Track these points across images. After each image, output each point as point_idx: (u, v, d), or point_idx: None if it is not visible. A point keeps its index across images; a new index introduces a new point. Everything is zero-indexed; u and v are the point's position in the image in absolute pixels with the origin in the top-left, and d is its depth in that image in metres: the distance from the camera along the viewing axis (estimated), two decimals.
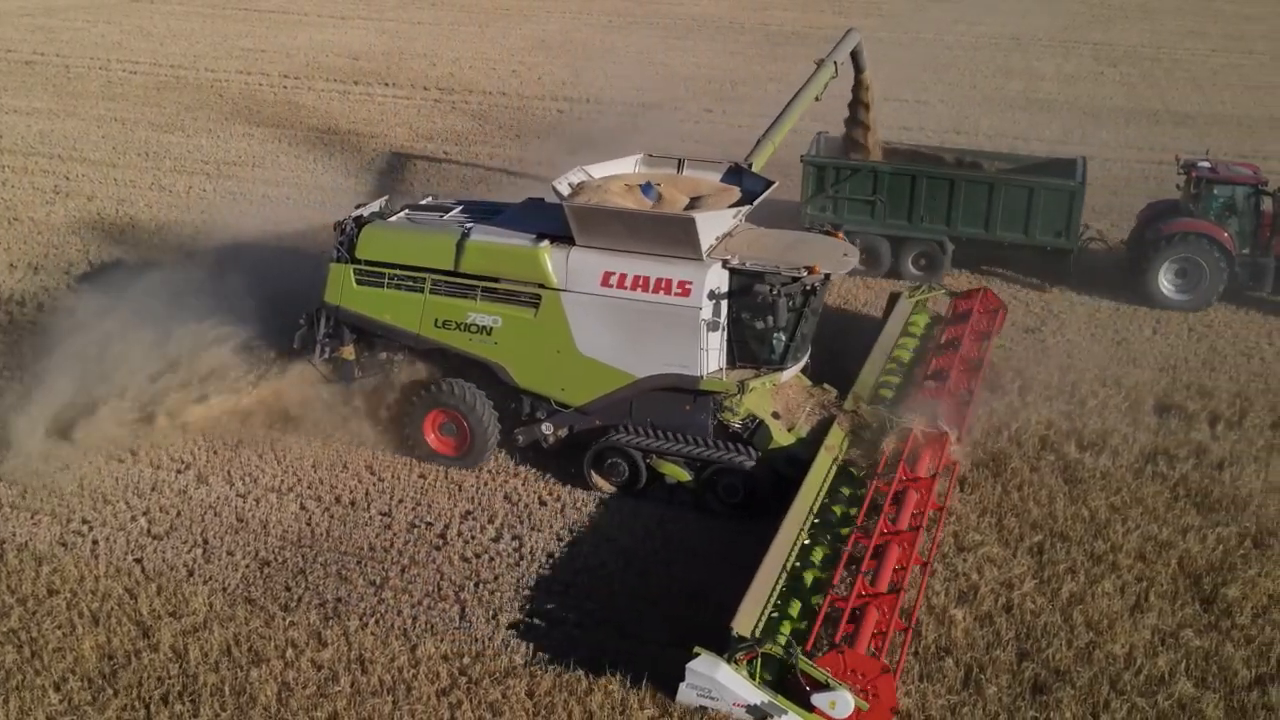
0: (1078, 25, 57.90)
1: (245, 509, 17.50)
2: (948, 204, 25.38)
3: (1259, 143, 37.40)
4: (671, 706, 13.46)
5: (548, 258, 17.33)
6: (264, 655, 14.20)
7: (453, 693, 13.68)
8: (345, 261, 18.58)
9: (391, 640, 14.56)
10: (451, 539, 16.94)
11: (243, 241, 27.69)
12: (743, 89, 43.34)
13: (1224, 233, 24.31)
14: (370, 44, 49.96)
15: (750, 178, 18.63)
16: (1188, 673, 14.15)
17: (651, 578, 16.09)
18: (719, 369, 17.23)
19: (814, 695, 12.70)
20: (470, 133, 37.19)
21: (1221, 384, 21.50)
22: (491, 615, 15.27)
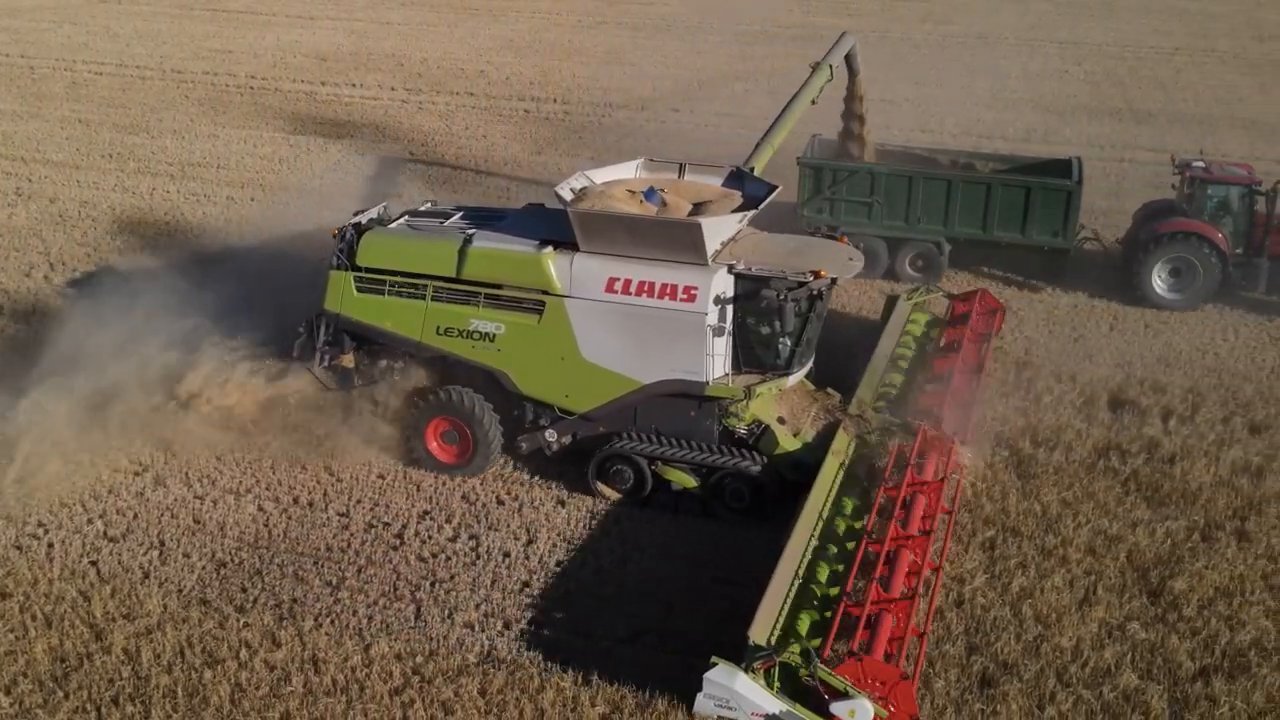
0: (1045, 24, 58.28)
1: (202, 511, 17.51)
2: (945, 205, 25.49)
3: (1219, 141, 37.73)
4: (623, 703, 13.57)
5: (551, 264, 17.27)
6: (217, 656, 14.23)
7: (405, 691, 13.75)
8: (345, 269, 18.42)
9: (345, 640, 14.61)
10: (409, 539, 17.00)
11: (205, 243, 27.74)
12: (709, 89, 43.52)
13: (1218, 233, 24.42)
14: (338, 44, 49.89)
15: (752, 182, 18.64)
16: (1133, 665, 14.35)
17: (605, 575, 16.21)
18: (725, 374, 17.21)
19: (833, 704, 12.60)
20: (437, 133, 37.19)
21: (1175, 379, 21.75)
22: (447, 614, 15.34)
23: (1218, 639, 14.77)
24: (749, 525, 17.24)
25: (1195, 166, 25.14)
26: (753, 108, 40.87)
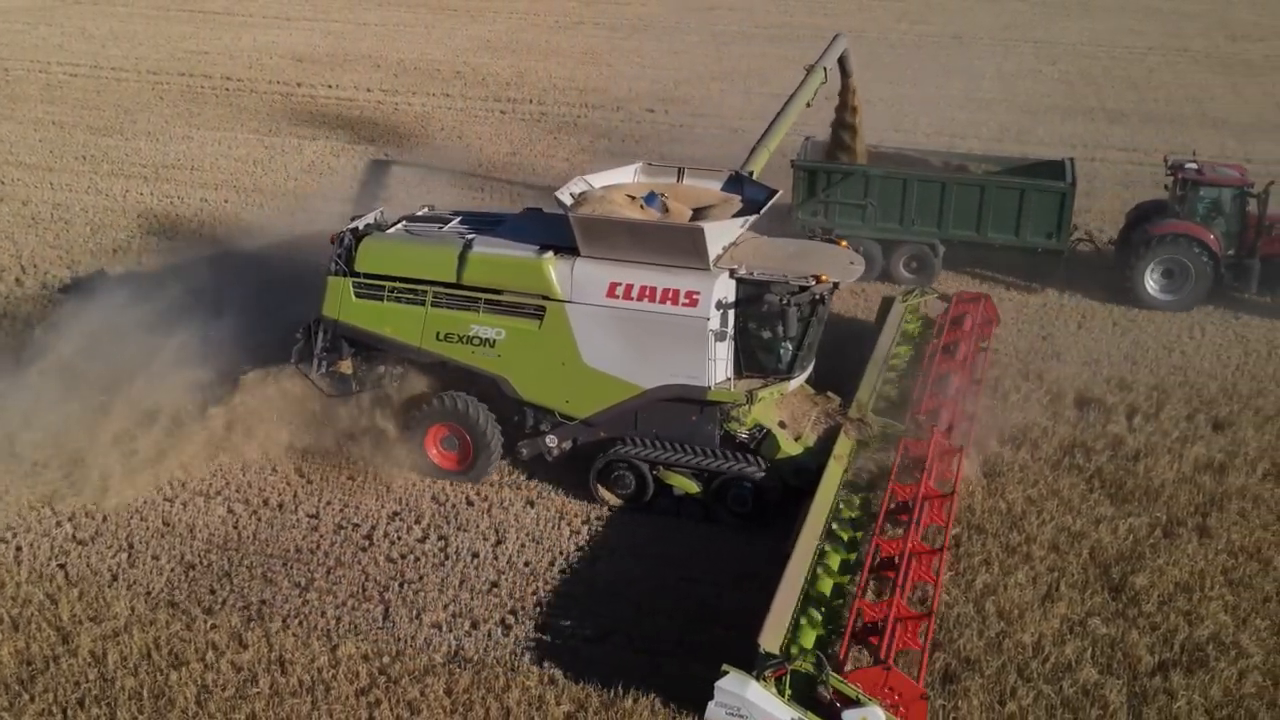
0: (1020, 23, 58.58)
1: (172, 513, 17.55)
2: (939, 207, 25.56)
3: (1190, 140, 37.91)
4: (588, 701, 13.68)
5: (552, 269, 17.25)
6: (184, 658, 14.29)
7: (371, 692, 13.84)
8: (344, 274, 18.34)
9: (313, 641, 14.68)
10: (378, 540, 17.07)
11: (178, 245, 27.75)
12: (685, 89, 43.64)
13: (1210, 234, 24.55)
14: (315, 45, 49.83)
15: (752, 186, 18.63)
16: (1093, 660, 14.52)
17: (574, 575, 16.31)
18: (727, 379, 17.22)
19: (845, 712, 12.56)
20: (413, 134, 37.23)
21: (1141, 377, 21.95)
22: (415, 615, 15.42)
23: (1177, 634, 14.95)
24: (718, 526, 17.37)
25: (1187, 168, 25.15)
26: (728, 108, 41.21)
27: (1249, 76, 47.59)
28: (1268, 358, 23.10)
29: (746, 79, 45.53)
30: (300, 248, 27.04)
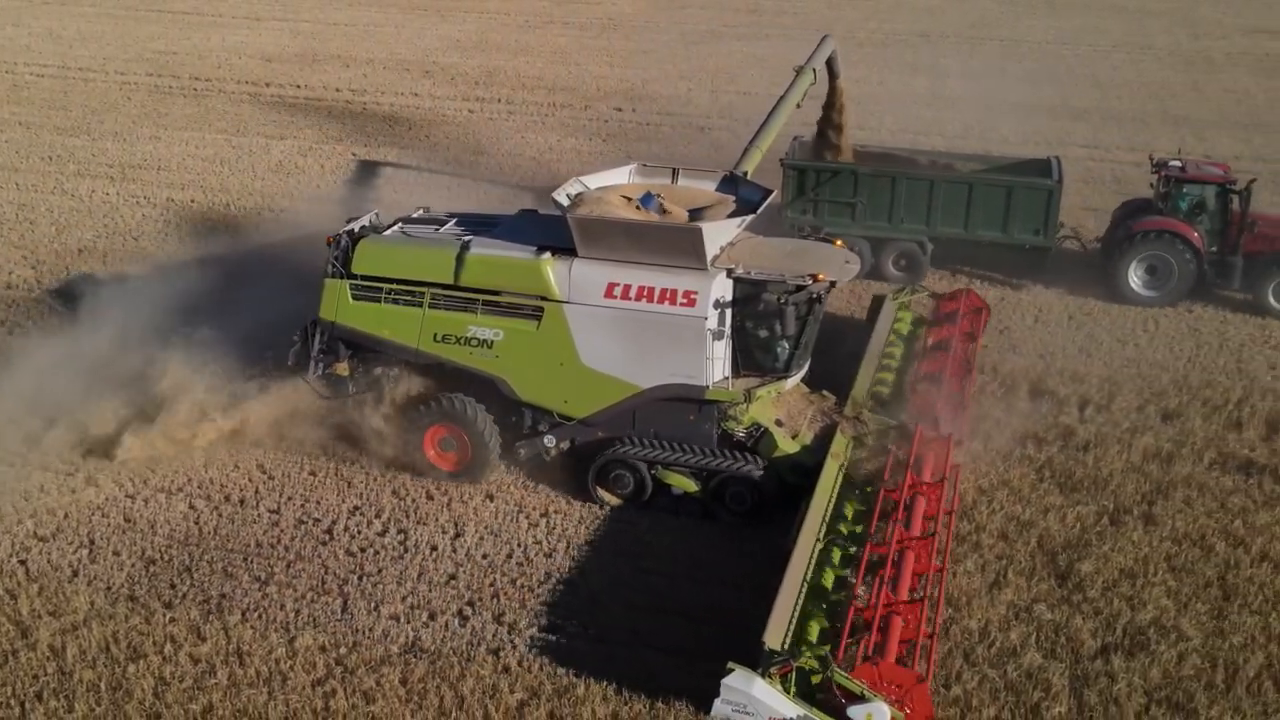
0: (987, 22, 59.06)
1: (133, 509, 17.69)
2: (927, 205, 25.78)
3: (1150, 137, 38.49)
4: (541, 689, 13.92)
5: (550, 270, 17.34)
6: (142, 651, 14.45)
7: (328, 682, 14.04)
8: (340, 277, 18.39)
9: (271, 633, 14.88)
10: (338, 534, 17.27)
11: (144, 245, 27.84)
12: (653, 87, 43.89)
13: (1193, 231, 24.81)
14: (284, 45, 49.84)
15: (746, 186, 18.76)
16: (1037, 644, 14.85)
17: (531, 567, 16.54)
18: (725, 378, 17.34)
19: (850, 707, 12.67)
20: (380, 133, 37.36)
21: (1094, 369, 22.32)
22: (373, 607, 15.63)
23: (1119, 618, 15.30)
24: (675, 519, 17.62)
25: (1171, 166, 25.42)
26: (695, 107, 41.54)
27: (1210, 74, 48.16)
28: (1219, 350, 23.50)
29: (714, 77, 45.81)
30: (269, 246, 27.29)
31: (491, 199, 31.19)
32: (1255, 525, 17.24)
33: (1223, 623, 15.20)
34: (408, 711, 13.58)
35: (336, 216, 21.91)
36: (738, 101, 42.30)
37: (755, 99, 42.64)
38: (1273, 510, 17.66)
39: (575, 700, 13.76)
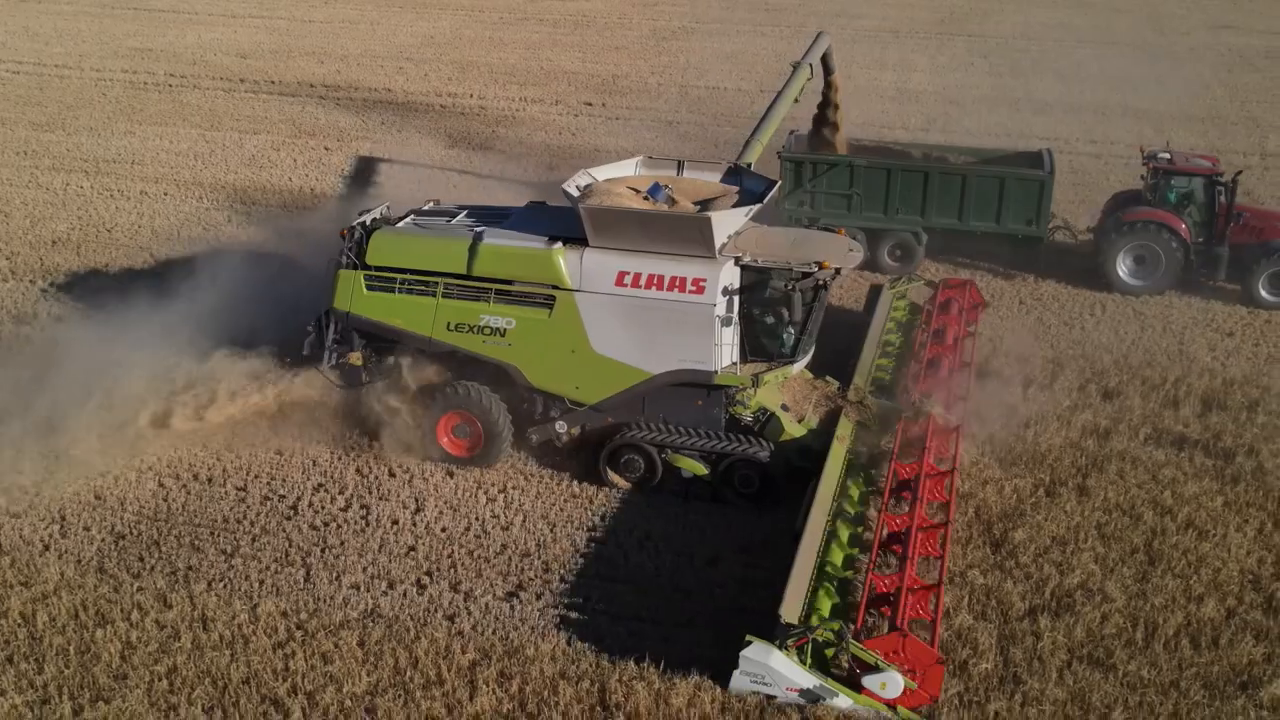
0: (956, 18, 59.90)
1: (104, 487, 18.23)
2: (922, 196, 26.31)
3: (1109, 129, 39.36)
4: (492, 650, 14.56)
5: (562, 259, 17.70)
6: (110, 618, 15.04)
7: (288, 644, 14.65)
8: (355, 268, 18.75)
9: (234, 600, 15.48)
10: (303, 510, 17.85)
11: (118, 237, 28.37)
12: (623, 83, 44.53)
13: (1180, 222, 25.30)
14: (260, 42, 50.33)
15: (750, 177, 19.20)
16: (969, 607, 15.53)
17: (488, 538, 17.16)
18: (733, 364, 17.73)
19: (865, 677, 13.24)
20: (351, 128, 37.90)
21: (1040, 351, 23.01)
22: (335, 577, 16.23)
23: (1048, 582, 16.00)
24: (632, 494, 18.28)
25: (1160, 158, 26.00)
26: (663, 101, 42.19)
27: (1172, 68, 48.90)
28: (1162, 332, 24.26)
29: (683, 73, 46.49)
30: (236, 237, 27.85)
31: (462, 191, 31.85)
32: (1183, 495, 17.96)
33: (1146, 585, 15.91)
34: (364, 671, 14.19)
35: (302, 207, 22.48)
36: (706, 96, 43.04)
37: (723, 93, 43.56)
38: (1201, 481, 18.40)
39: (525, 660, 14.41)
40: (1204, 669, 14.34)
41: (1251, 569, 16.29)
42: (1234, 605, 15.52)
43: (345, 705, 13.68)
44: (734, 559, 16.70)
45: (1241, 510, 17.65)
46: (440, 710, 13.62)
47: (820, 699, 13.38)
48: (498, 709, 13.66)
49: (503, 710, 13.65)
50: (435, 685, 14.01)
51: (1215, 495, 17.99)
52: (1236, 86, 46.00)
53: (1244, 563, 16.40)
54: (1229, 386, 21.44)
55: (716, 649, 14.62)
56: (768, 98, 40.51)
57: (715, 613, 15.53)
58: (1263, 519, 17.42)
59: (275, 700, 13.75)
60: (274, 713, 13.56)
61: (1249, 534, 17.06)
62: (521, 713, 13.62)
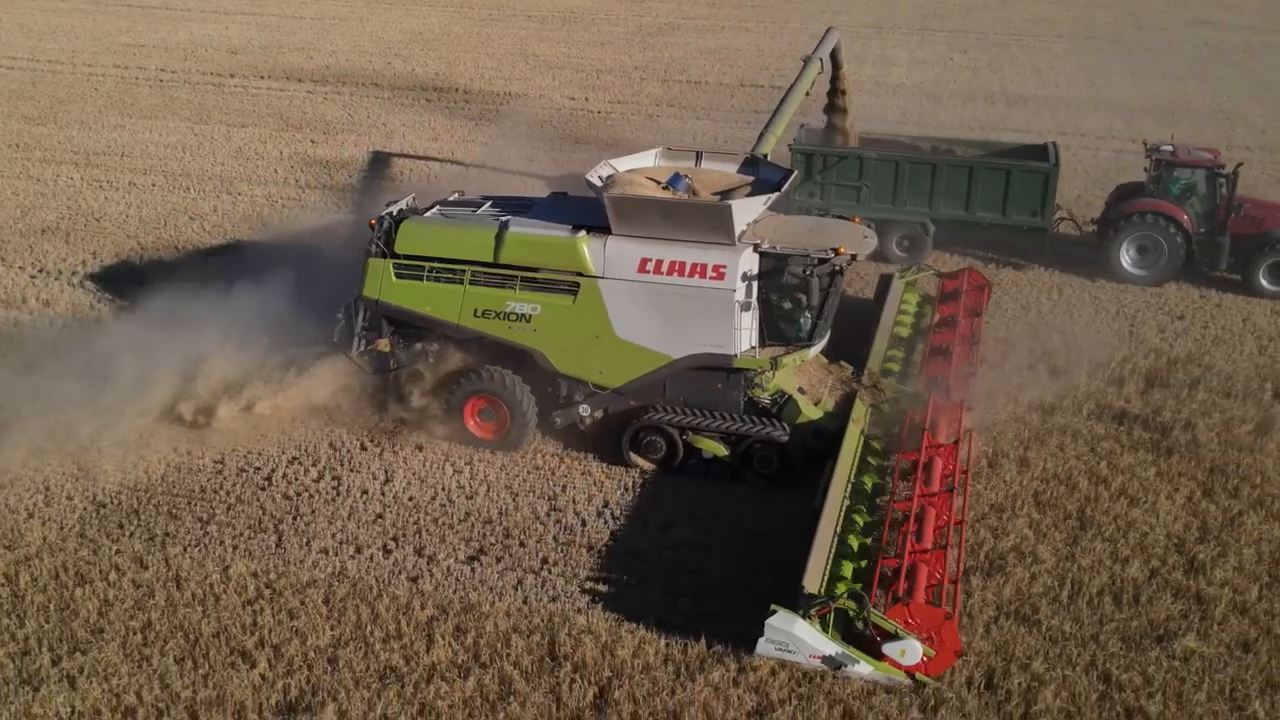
0: (939, 13, 60.80)
1: (86, 460, 18.99)
2: (929, 188, 26.84)
3: (1080, 121, 40.18)
4: (450, 606, 15.38)
5: (586, 247, 18.20)
6: (89, 578, 15.85)
7: (257, 602, 15.47)
8: (384, 256, 19.24)
9: (208, 562, 16.30)
10: (277, 480, 18.64)
11: (106, 226, 29.17)
12: (607, 78, 45.34)
13: (1183, 213, 25.82)
14: (250, 38, 51.16)
15: (767, 168, 19.77)
16: None
17: (453, 507, 17.96)
18: (752, 347, 18.22)
19: (884, 645, 13.80)
20: (339, 121, 38.71)
21: (995, 332, 23.79)
22: (305, 542, 17.02)
23: (983, 546, 16.81)
24: (578, 463, 19.09)
25: (1163, 150, 26.55)
26: (645, 96, 43.00)
27: (1148, 61, 49.88)
28: (1115, 315, 25.06)
29: (666, 68, 47.31)
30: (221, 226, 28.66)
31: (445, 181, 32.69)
32: (1119, 466, 18.78)
33: (1075, 548, 16.72)
34: (327, 626, 15.00)
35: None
36: (687, 90, 43.88)
37: (704, 88, 44.41)
38: (1136, 453, 19.21)
39: (480, 616, 15.23)
40: (1123, 624, 15.14)
41: (1178, 533, 17.10)
42: (1157, 566, 16.32)
43: (309, 656, 14.49)
44: (686, 525, 17.50)
45: (1173, 480, 18.45)
46: (398, 661, 14.43)
47: (842, 666, 13.97)
48: (453, 660, 14.47)
49: (457, 661, 14.46)
50: (394, 639, 14.82)
51: (1149, 466, 18.80)
52: (1209, 80, 46.81)
53: (1170, 527, 17.21)
54: (1173, 365, 22.22)
55: (663, 604, 15.65)
56: (747, 91, 41.60)
57: (666, 574, 16.35)
58: (1193, 488, 18.23)
59: (243, 652, 14.56)
60: (241, 663, 14.37)
61: (1178, 501, 17.86)
62: (475, 663, 14.42)
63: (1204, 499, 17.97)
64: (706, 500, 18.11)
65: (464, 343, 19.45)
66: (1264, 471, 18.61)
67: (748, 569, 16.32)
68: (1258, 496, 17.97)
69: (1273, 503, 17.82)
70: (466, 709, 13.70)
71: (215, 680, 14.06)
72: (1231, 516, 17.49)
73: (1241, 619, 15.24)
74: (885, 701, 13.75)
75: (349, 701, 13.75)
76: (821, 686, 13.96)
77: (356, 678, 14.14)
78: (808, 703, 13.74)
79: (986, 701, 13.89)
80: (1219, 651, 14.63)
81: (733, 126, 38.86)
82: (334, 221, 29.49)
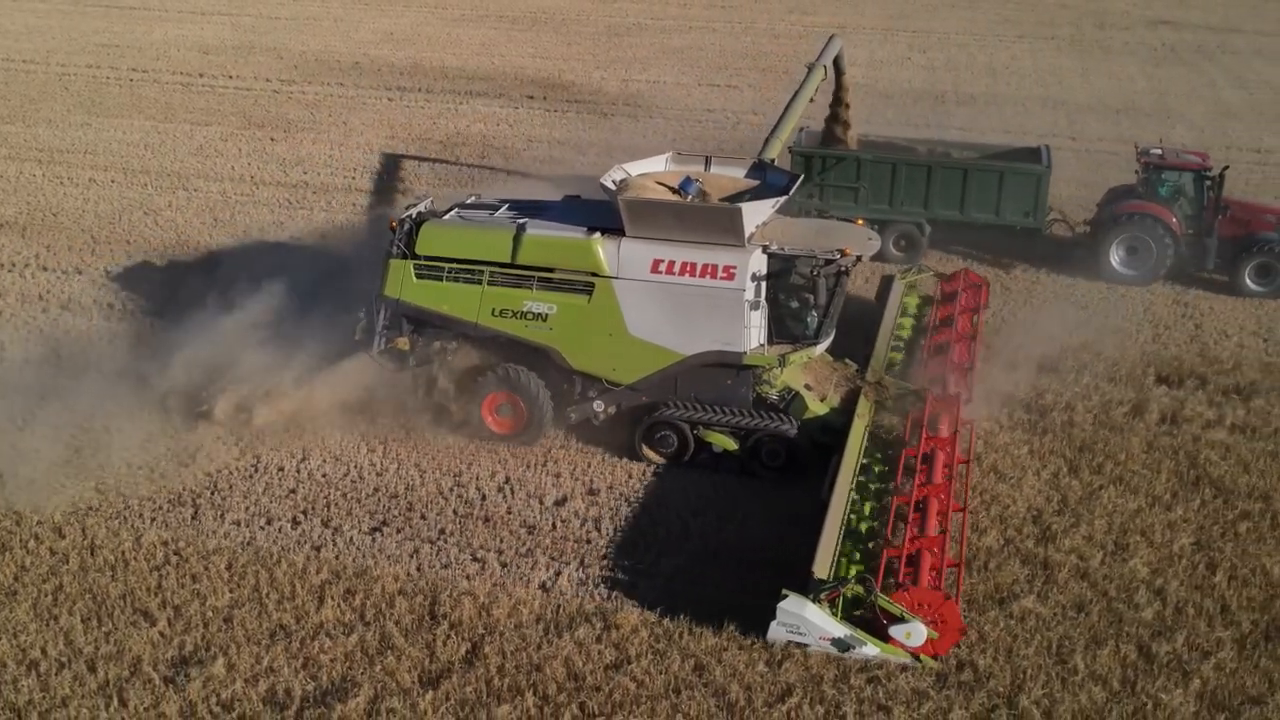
0: (905, 14, 61.79)
1: (20, 440, 20.08)
2: (925, 189, 27.62)
3: (1026, 120, 41.16)
4: (344, 571, 16.46)
5: (600, 248, 18.86)
6: (9, 546, 16.94)
7: (164, 567, 16.56)
8: (405, 257, 19.88)
9: (122, 531, 17.40)
10: (200, 459, 19.72)
11: (63, 221, 30.28)
12: (568, 76, 46.42)
13: (1171, 215, 26.50)
14: (224, 38, 52.25)
15: (774, 172, 20.54)
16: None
17: (362, 483, 19.03)
18: (760, 345, 18.84)
19: (891, 627, 14.43)
20: (301, 120, 39.79)
21: None
22: (220, 516, 18.12)
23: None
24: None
25: (1152, 153, 27.30)
26: (603, 95, 44.04)
27: (1102, 61, 50.89)
28: (1023, 305, 26.08)
29: (628, 67, 48.37)
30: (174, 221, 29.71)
31: (395, 179, 33.83)
32: (995, 444, 19.87)
33: None
34: (227, 589, 16.10)
35: None
36: (645, 90, 44.93)
37: (662, 87, 45.50)
38: (1014, 433, 20.27)
39: (370, 580, 16.33)
40: (971, 589, 16.20)
41: (1038, 506, 18.16)
42: (1013, 536, 17.39)
43: (207, 616, 15.58)
44: (581, 498, 18.59)
45: (1044, 458, 19.52)
46: (289, 620, 15.53)
47: (850, 648, 14.60)
48: (339, 619, 15.56)
49: (344, 620, 15.55)
50: (288, 600, 15.92)
51: (1023, 445, 19.87)
52: (1159, 79, 47.84)
53: (1033, 501, 18.28)
54: (1064, 353, 23.21)
55: (550, 571, 16.81)
56: (705, 91, 42.57)
57: (553, 544, 17.43)
58: (1060, 464, 19.30)
59: (145, 612, 15.66)
60: (143, 621, 15.47)
61: (1044, 477, 18.94)
62: (360, 622, 15.52)
63: (1069, 475, 19.03)
64: (601, 476, 19.19)
65: (482, 341, 20.10)
66: (1130, 449, 19.67)
67: (639, 535, 17.50)
68: (1119, 473, 19.04)
69: (1132, 478, 18.88)
70: (347, 662, 14.79)
71: (117, 638, 15.16)
72: (1092, 491, 18.55)
73: (1081, 583, 16.30)
74: (734, 656, 14.81)
75: (238, 655, 14.84)
76: (677, 643, 15.05)
77: (248, 634, 15.25)
78: (662, 657, 14.82)
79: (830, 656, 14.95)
80: (1053, 612, 15.69)
81: (684, 125, 39.99)
82: (284, 217, 30.63)
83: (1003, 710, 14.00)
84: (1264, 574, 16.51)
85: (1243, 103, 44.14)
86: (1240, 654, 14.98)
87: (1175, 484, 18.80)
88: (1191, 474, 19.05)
